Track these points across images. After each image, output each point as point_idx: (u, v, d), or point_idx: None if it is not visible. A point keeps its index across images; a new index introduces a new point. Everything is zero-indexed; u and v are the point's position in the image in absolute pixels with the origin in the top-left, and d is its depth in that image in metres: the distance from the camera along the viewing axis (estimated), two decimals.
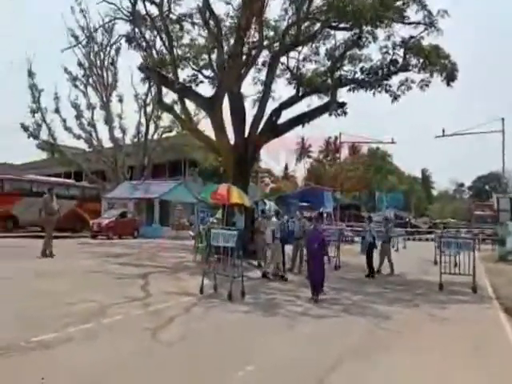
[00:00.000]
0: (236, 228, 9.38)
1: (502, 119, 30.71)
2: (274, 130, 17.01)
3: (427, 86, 16.01)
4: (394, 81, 16.03)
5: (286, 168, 77.56)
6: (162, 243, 19.72)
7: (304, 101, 17.92)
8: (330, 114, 17.13)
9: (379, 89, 15.53)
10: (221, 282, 8.45)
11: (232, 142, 16.06)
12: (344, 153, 75.21)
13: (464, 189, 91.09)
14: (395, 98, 15.76)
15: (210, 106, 14.45)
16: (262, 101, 15.92)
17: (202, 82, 16.09)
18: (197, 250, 13.27)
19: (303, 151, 77.54)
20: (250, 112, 16.95)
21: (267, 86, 16.07)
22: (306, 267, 12.67)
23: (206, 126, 19.13)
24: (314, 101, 18.09)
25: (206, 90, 16.62)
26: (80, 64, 30.75)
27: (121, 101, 34.92)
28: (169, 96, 20.64)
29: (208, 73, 16.14)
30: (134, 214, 25.53)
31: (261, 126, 16.82)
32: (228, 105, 16.27)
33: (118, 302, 7.32)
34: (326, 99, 17.90)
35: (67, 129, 33.25)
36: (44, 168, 37.39)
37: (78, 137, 33.68)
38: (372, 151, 70.73)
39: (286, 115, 17.83)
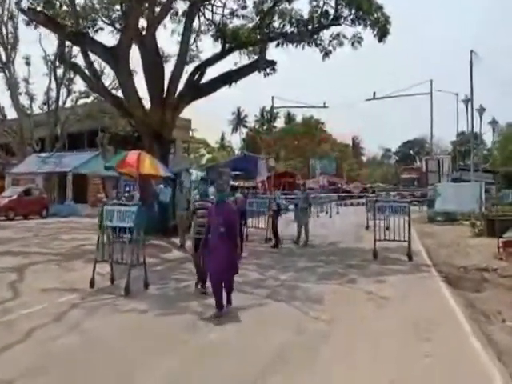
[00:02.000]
0: (134, 203, 7.54)
1: (431, 81, 31.07)
2: (196, 90, 15.01)
3: (359, 42, 14.85)
4: (326, 35, 14.69)
5: (222, 138, 75.57)
6: (71, 223, 17.22)
7: (232, 60, 16.09)
8: (259, 71, 15.47)
9: (309, 43, 14.05)
10: (123, 271, 6.66)
11: (147, 104, 13.88)
12: (280, 121, 75.20)
13: (390, 154, 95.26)
14: (326, 53, 14.43)
15: (114, 57, 12.03)
16: (180, 55, 13.76)
17: (101, 28, 13.44)
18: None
19: (239, 121, 76.02)
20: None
21: (185, 37, 13.90)
22: None
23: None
24: (243, 61, 16.36)
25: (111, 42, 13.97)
26: None
27: (28, 63, 30.35)
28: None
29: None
30: (41, 190, 22.33)
31: (181, 86, 14.76)
32: (141, 61, 13.93)
33: None
34: (255, 58, 16.25)
35: None
36: None
37: None
38: (306, 120, 70.97)
39: (213, 75, 15.92)
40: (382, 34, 14.30)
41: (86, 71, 14.67)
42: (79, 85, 28.18)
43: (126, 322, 5.22)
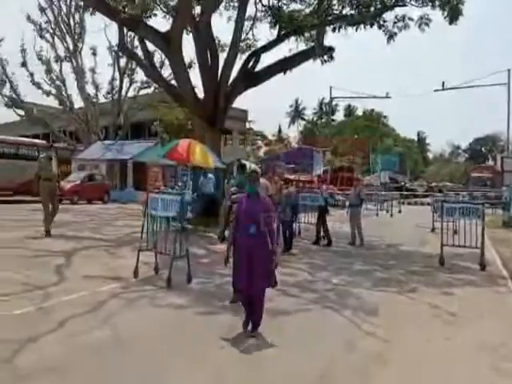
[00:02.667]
0: (179, 192, 7.26)
1: (508, 70, 28.06)
2: (250, 77, 14.55)
3: (427, 24, 13.44)
4: (390, 16, 13.50)
5: (280, 131, 75.06)
6: (128, 209, 17.64)
7: (287, 47, 15.41)
8: (316, 58, 14.65)
9: (372, 24, 12.96)
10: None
11: (200, 92, 13.68)
12: (339, 114, 73.13)
13: (460, 151, 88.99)
14: (391, 36, 13.24)
15: (166, 42, 11.89)
16: (233, 42, 13.32)
17: (155, 14, 13.32)
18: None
19: (297, 113, 75.06)
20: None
21: (238, 23, 13.42)
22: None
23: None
24: (301, 48, 15.63)
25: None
26: (42, 9, 27.27)
27: (94, 54, 31.76)
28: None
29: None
30: (103, 176, 23.25)
31: (234, 73, 14.39)
32: (195, 48, 13.72)
33: (8, 291, 5.33)
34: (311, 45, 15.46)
35: (35, 84, 30.20)
36: (20, 129, 34.55)
37: (48, 93, 30.73)
38: (367, 113, 68.20)
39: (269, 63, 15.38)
40: (454, 14, 12.80)
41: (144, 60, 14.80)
42: (141, 75, 28.93)
43: (162, 317, 4.90)
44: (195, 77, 13.87)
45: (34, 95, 33.54)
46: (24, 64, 30.14)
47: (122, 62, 29.91)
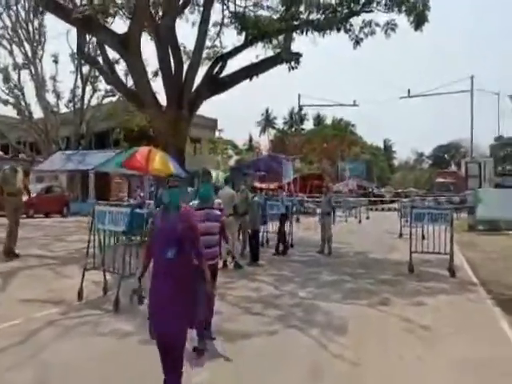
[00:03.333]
0: (129, 204, 6.65)
1: (471, 77, 28.97)
2: (216, 84, 14.11)
3: (393, 29, 13.50)
4: (357, 21, 13.43)
5: (251, 140, 74.94)
6: (86, 223, 16.61)
7: (255, 53, 15.10)
8: (283, 63, 14.38)
9: (338, 30, 12.83)
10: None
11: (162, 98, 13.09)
12: (309, 124, 73.90)
13: (424, 158, 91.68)
14: (357, 42, 13.17)
15: (124, 46, 11.27)
16: (197, 45, 12.86)
17: (111, 15, 12.68)
18: None
19: (267, 122, 75.30)
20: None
21: (202, 28, 13.00)
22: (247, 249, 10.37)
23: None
24: (268, 54, 15.37)
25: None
26: None
27: (56, 61, 30.49)
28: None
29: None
30: (62, 188, 22.07)
31: (200, 79, 13.91)
32: (156, 53, 13.16)
33: None
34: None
35: None
36: None
37: (5, 102, 29.21)
38: (336, 122, 69.25)
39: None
40: (419, 21, 12.92)
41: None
42: (105, 83, 27.95)
43: (102, 348, 4.26)
44: (160, 84, 13.30)
45: None
46: None
47: (85, 69, 28.82)
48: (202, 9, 14.53)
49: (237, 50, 14.56)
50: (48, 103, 28.42)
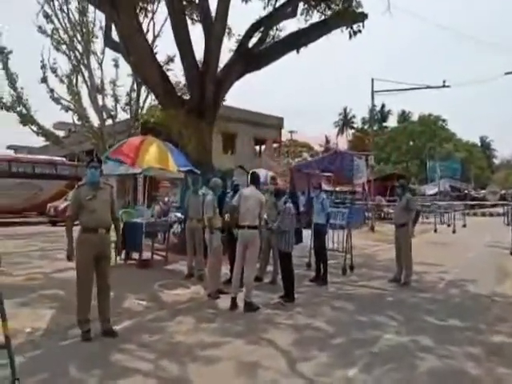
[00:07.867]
0: None
1: None
2: (250, 57, 11.05)
3: None
4: None
5: (327, 141, 70.87)
6: None
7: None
8: (339, 27, 10.89)
9: None
10: None
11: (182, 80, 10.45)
12: (392, 120, 67.80)
13: None
14: None
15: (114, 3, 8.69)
16: (218, 13, 9.87)
17: None
18: None
19: (346, 122, 70.95)
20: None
21: None
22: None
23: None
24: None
25: None
26: (47, 16, 25.82)
27: (116, 66, 30.12)
28: None
29: None
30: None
31: (224, 52, 10.96)
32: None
33: None
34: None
35: (55, 99, 28.88)
36: (62, 149, 33.86)
37: (67, 109, 29.33)
38: (423, 117, 62.16)
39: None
40: None
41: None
42: None
43: None
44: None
45: (45, 111, 32.19)
46: (44, 79, 28.90)
47: None
48: None
49: (278, 17, 11.34)
50: (103, 106, 27.84)
